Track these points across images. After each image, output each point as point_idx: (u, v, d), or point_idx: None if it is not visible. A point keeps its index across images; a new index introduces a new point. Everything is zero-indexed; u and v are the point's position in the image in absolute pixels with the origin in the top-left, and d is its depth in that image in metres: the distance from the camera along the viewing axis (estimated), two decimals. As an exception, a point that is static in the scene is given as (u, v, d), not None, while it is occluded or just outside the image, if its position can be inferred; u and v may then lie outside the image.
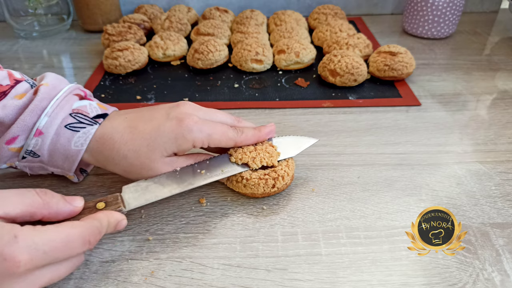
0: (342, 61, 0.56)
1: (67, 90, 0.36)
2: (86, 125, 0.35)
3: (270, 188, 0.37)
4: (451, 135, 0.47)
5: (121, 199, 0.33)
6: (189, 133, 0.35)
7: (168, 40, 0.65)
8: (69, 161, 0.35)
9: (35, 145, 0.34)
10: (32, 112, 0.33)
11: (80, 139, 0.34)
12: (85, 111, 0.35)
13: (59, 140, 0.34)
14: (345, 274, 0.31)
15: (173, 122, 0.35)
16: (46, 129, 0.34)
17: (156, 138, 0.34)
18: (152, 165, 0.35)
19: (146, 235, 0.35)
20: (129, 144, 0.34)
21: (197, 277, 0.31)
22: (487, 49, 0.71)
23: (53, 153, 0.35)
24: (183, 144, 0.35)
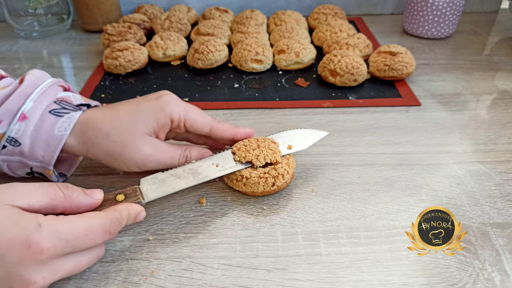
0: (342, 61, 0.56)
1: (51, 81, 0.37)
2: (70, 111, 0.35)
3: (270, 186, 0.37)
4: (451, 135, 0.47)
5: (140, 191, 0.34)
6: (167, 106, 0.36)
7: (168, 40, 0.65)
8: (50, 149, 0.35)
9: (18, 131, 0.34)
10: (17, 97, 0.34)
11: (64, 123, 0.35)
12: (69, 100, 0.36)
13: (42, 125, 0.34)
14: (345, 274, 0.31)
15: (151, 99, 0.37)
16: (31, 113, 0.34)
17: (136, 114, 0.36)
18: (133, 142, 0.35)
19: (146, 235, 0.35)
20: (110, 122, 0.35)
21: (197, 277, 0.31)
22: (487, 49, 0.71)
23: (35, 141, 0.34)
24: (162, 118, 0.36)
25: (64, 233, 0.26)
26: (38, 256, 0.25)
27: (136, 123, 0.35)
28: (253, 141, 0.39)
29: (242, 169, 0.38)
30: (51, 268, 0.26)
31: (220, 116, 0.52)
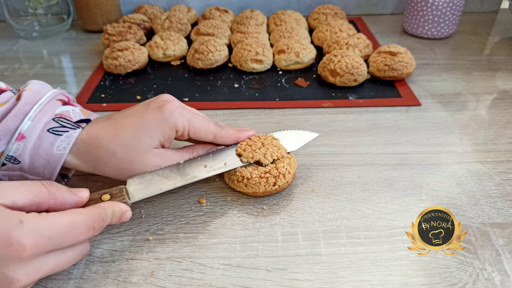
0: (342, 61, 0.56)
1: (50, 96, 0.36)
2: (69, 129, 0.35)
3: (271, 186, 0.37)
4: (451, 135, 0.47)
5: (126, 191, 0.33)
6: (170, 117, 0.35)
7: (168, 40, 0.65)
8: (50, 167, 0.34)
9: (16, 150, 0.33)
10: (15, 116, 0.33)
11: (62, 143, 0.34)
12: (68, 116, 0.35)
13: (41, 144, 0.34)
14: (345, 274, 0.31)
15: (154, 110, 0.36)
16: (29, 133, 0.33)
17: (141, 128, 0.35)
18: (142, 157, 0.35)
19: (146, 235, 0.35)
20: (115, 139, 0.34)
21: (197, 277, 0.31)
22: (487, 49, 0.71)
23: (34, 159, 0.34)
24: (167, 130, 0.35)
25: (47, 230, 0.26)
26: (20, 254, 0.25)
27: (142, 138, 0.35)
28: (256, 140, 0.39)
29: (233, 169, 0.38)
30: (34, 265, 0.26)
31: (220, 116, 0.52)
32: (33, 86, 0.36)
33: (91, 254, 0.33)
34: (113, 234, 0.35)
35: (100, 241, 0.34)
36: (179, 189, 0.40)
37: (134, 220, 0.37)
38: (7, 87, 0.36)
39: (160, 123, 0.35)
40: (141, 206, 0.38)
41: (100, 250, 0.34)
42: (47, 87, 0.37)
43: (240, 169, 0.38)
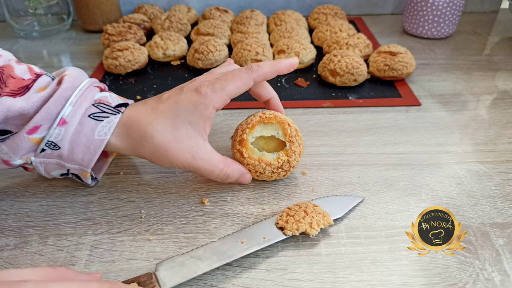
0: (342, 61, 0.56)
1: (88, 82, 0.36)
2: (109, 115, 0.35)
3: (281, 177, 0.39)
4: (451, 135, 0.47)
5: (156, 278, 0.30)
6: (205, 98, 0.35)
7: (168, 40, 0.65)
8: (90, 153, 0.34)
9: (58, 135, 0.33)
10: (56, 101, 0.33)
11: (104, 128, 0.34)
12: (107, 101, 0.36)
13: (82, 129, 0.34)
14: (345, 274, 0.31)
15: (187, 94, 0.35)
16: (70, 118, 0.33)
17: (178, 114, 0.35)
18: (176, 146, 0.34)
19: (146, 235, 0.35)
20: (154, 123, 0.34)
21: (197, 277, 0.31)
22: (487, 49, 0.71)
23: (74, 144, 0.34)
24: (204, 111, 0.35)
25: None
26: None
27: (180, 124, 0.35)
28: (297, 209, 0.35)
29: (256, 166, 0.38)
30: None
31: (220, 116, 0.52)
32: (72, 71, 0.36)
33: (91, 254, 0.33)
34: (113, 234, 0.35)
35: (100, 241, 0.34)
36: (179, 189, 0.40)
37: (134, 220, 0.37)
38: (41, 71, 0.36)
39: (196, 106, 0.35)
40: (141, 206, 0.38)
41: (100, 250, 0.34)
42: (84, 74, 0.37)
43: (254, 161, 0.38)
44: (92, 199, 0.39)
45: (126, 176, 0.42)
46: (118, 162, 0.44)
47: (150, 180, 0.41)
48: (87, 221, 0.37)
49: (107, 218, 0.37)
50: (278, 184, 0.40)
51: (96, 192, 0.40)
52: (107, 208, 0.38)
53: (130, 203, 0.38)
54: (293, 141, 0.38)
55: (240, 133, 0.38)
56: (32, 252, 0.34)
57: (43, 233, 0.35)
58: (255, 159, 0.38)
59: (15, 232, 0.36)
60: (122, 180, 0.41)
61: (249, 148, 0.38)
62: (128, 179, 0.41)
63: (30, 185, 0.40)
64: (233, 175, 0.37)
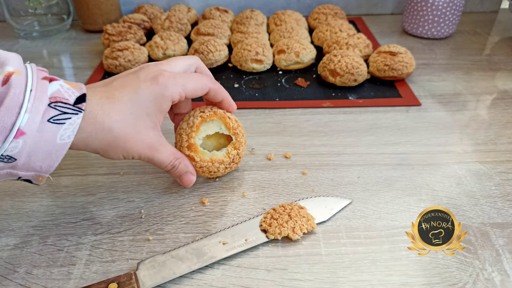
0: (342, 61, 0.56)
1: (34, 75, 0.30)
2: (71, 115, 0.30)
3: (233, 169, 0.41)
4: (451, 135, 0.47)
5: (136, 278, 0.30)
6: (165, 90, 0.34)
7: (168, 40, 0.65)
8: (51, 159, 0.30)
9: (14, 148, 0.28)
10: (8, 110, 0.27)
11: (66, 131, 0.30)
12: (63, 98, 0.30)
13: (42, 137, 0.29)
14: (345, 274, 0.31)
15: (147, 83, 0.34)
16: (28, 127, 0.28)
17: (138, 104, 0.33)
18: (135, 137, 0.33)
19: (146, 235, 0.35)
20: (112, 114, 0.32)
21: (197, 277, 0.31)
22: (487, 49, 0.71)
23: (32, 153, 0.29)
24: (164, 103, 0.34)
25: None
26: None
27: (140, 114, 0.33)
28: (281, 211, 0.36)
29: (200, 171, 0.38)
30: None
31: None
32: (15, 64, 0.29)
33: (90, 254, 0.33)
34: (113, 234, 0.35)
35: (100, 241, 0.34)
36: (179, 189, 0.40)
37: (134, 220, 0.37)
38: None
39: (157, 98, 0.34)
40: (141, 206, 0.38)
41: (100, 250, 0.34)
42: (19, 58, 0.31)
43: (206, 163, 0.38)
44: (92, 199, 0.39)
45: (126, 176, 0.42)
46: (118, 162, 0.44)
47: (150, 180, 0.41)
48: (87, 221, 0.37)
49: (107, 218, 0.37)
50: (278, 184, 0.40)
51: (96, 192, 0.40)
52: (107, 208, 0.38)
53: (130, 203, 0.38)
54: (237, 133, 0.39)
55: (186, 138, 0.37)
56: (32, 252, 0.34)
57: (43, 233, 0.35)
58: (207, 160, 0.38)
59: (15, 232, 0.36)
60: (122, 180, 0.41)
61: (199, 152, 0.38)
62: (128, 179, 0.41)
63: (30, 185, 0.40)
64: (179, 169, 0.37)
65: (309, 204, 0.37)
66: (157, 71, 0.35)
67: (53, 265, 0.32)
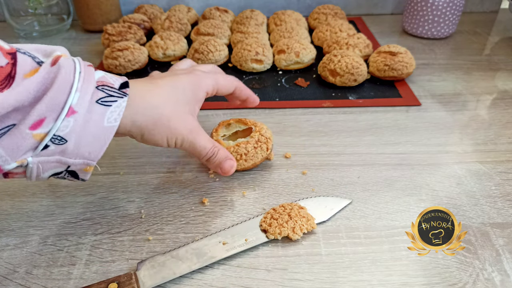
0: (342, 61, 0.56)
1: (81, 61, 0.31)
2: (116, 98, 0.31)
3: (265, 152, 0.41)
4: (451, 135, 0.47)
5: (136, 278, 0.30)
6: (202, 81, 0.38)
7: (168, 40, 0.65)
8: (99, 143, 0.30)
9: (65, 128, 0.28)
10: (60, 88, 0.28)
11: (113, 113, 0.31)
12: (109, 82, 0.32)
13: (91, 117, 0.29)
14: (345, 274, 0.31)
15: (184, 77, 0.37)
16: (79, 106, 0.29)
17: (178, 91, 0.36)
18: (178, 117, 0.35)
19: (146, 235, 0.35)
20: (159, 96, 0.35)
21: (197, 277, 0.31)
22: (487, 49, 0.71)
23: (82, 136, 0.29)
24: (199, 92, 0.37)
25: None
26: None
27: (180, 101, 0.36)
28: (281, 211, 0.36)
29: None
30: None
31: (220, 116, 0.52)
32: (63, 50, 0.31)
33: (90, 254, 0.33)
34: (113, 234, 0.35)
35: (100, 241, 0.34)
36: (179, 189, 0.40)
37: (134, 220, 0.37)
38: (10, 46, 0.28)
39: (194, 87, 0.37)
40: (141, 206, 0.38)
41: (100, 250, 0.34)
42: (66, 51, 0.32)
43: (231, 147, 0.40)
44: (92, 199, 0.39)
45: (126, 176, 0.42)
46: (118, 162, 0.44)
47: (150, 180, 0.41)
48: (87, 221, 0.37)
49: (107, 218, 0.37)
50: (278, 184, 0.40)
51: (96, 192, 0.40)
52: (107, 208, 0.38)
53: (130, 203, 0.38)
54: (256, 124, 0.43)
55: None
56: (32, 252, 0.34)
57: (43, 233, 0.35)
58: (233, 145, 0.40)
59: (15, 232, 0.36)
60: (122, 180, 0.41)
61: (224, 143, 0.41)
62: (128, 179, 0.41)
63: (30, 185, 0.41)
64: (219, 155, 0.38)
65: (309, 204, 0.37)
66: (193, 69, 0.40)
67: (53, 265, 0.32)
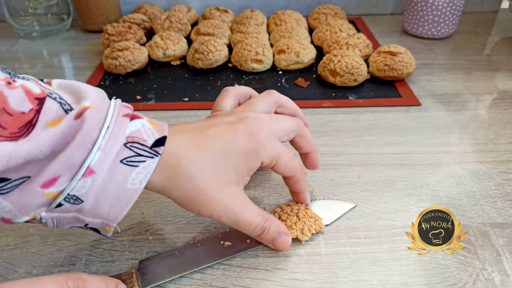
0: (342, 61, 0.56)
1: (115, 112, 0.27)
2: (146, 158, 0.27)
3: None
4: (451, 135, 0.47)
5: (136, 276, 0.30)
6: (262, 149, 0.30)
7: (168, 40, 0.65)
8: (120, 205, 0.27)
9: (82, 188, 0.26)
10: (80, 146, 0.25)
11: (139, 175, 0.27)
12: (141, 138, 0.27)
13: (113, 179, 0.26)
14: (345, 274, 0.31)
15: (244, 137, 0.30)
16: (99, 166, 0.25)
17: (228, 156, 0.30)
18: (215, 192, 0.29)
19: (146, 235, 0.35)
20: (197, 162, 0.29)
21: (197, 277, 0.31)
22: (487, 49, 0.71)
23: (101, 197, 0.27)
24: (253, 163, 0.31)
25: None
26: None
27: (225, 168, 0.30)
28: (289, 211, 0.36)
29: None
30: None
31: (220, 116, 0.52)
32: (94, 99, 0.27)
33: (90, 254, 0.33)
34: (113, 234, 0.35)
35: (100, 241, 0.34)
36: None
37: (134, 220, 0.37)
38: (42, 89, 0.26)
39: (248, 154, 0.30)
40: (141, 206, 0.38)
41: (100, 250, 0.34)
42: (104, 95, 0.28)
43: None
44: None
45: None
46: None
47: (150, 180, 0.41)
48: (87, 221, 0.36)
49: (107, 218, 0.37)
50: (278, 184, 0.40)
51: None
52: (107, 208, 0.38)
53: (130, 203, 0.38)
54: None
55: None
56: (32, 252, 0.34)
57: (43, 233, 0.35)
58: None
59: (15, 232, 0.36)
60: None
61: None
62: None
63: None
64: (271, 232, 0.32)
65: (313, 207, 0.37)
66: (259, 126, 0.31)
67: (53, 265, 0.32)
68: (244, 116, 0.32)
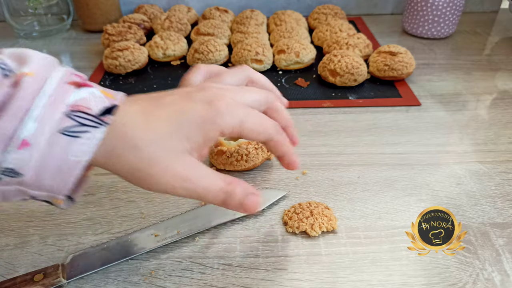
0: (342, 61, 0.56)
1: (58, 79, 0.25)
2: (89, 128, 0.25)
3: (266, 152, 0.41)
4: (451, 135, 0.47)
5: (62, 269, 0.31)
6: (220, 118, 0.27)
7: (168, 40, 0.65)
8: (62, 178, 0.25)
9: (17, 161, 0.24)
10: (12, 116, 0.23)
11: (82, 146, 0.25)
12: (85, 107, 0.25)
13: (52, 151, 0.24)
14: (345, 274, 0.31)
15: (200, 105, 0.28)
16: (35, 138, 0.23)
17: (181, 125, 0.27)
18: (165, 162, 0.26)
19: (146, 235, 0.35)
20: (146, 132, 0.26)
21: (197, 277, 0.31)
22: (487, 49, 0.71)
23: (41, 170, 0.24)
24: (210, 132, 0.27)
25: None
26: None
27: (176, 135, 0.27)
28: (305, 207, 0.36)
29: (228, 159, 0.40)
30: None
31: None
32: (34, 66, 0.25)
33: (91, 254, 0.33)
34: (113, 234, 0.35)
35: (100, 241, 0.34)
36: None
37: (134, 220, 0.37)
38: None
39: (204, 122, 0.27)
40: (141, 206, 0.38)
41: (100, 250, 0.34)
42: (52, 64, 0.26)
43: (235, 148, 0.40)
44: (92, 199, 0.39)
45: (126, 176, 0.42)
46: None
47: (150, 180, 0.41)
48: (87, 221, 0.37)
49: (107, 218, 0.37)
50: (279, 184, 0.40)
51: (96, 192, 0.40)
52: (107, 208, 0.38)
53: (130, 203, 0.38)
54: None
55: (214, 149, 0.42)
56: (32, 252, 0.34)
57: (43, 233, 0.35)
58: (234, 145, 0.41)
59: (15, 232, 0.36)
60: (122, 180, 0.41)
61: (225, 144, 0.42)
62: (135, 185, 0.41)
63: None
64: (237, 193, 0.28)
65: None
66: (217, 94, 0.29)
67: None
68: (207, 86, 0.30)
